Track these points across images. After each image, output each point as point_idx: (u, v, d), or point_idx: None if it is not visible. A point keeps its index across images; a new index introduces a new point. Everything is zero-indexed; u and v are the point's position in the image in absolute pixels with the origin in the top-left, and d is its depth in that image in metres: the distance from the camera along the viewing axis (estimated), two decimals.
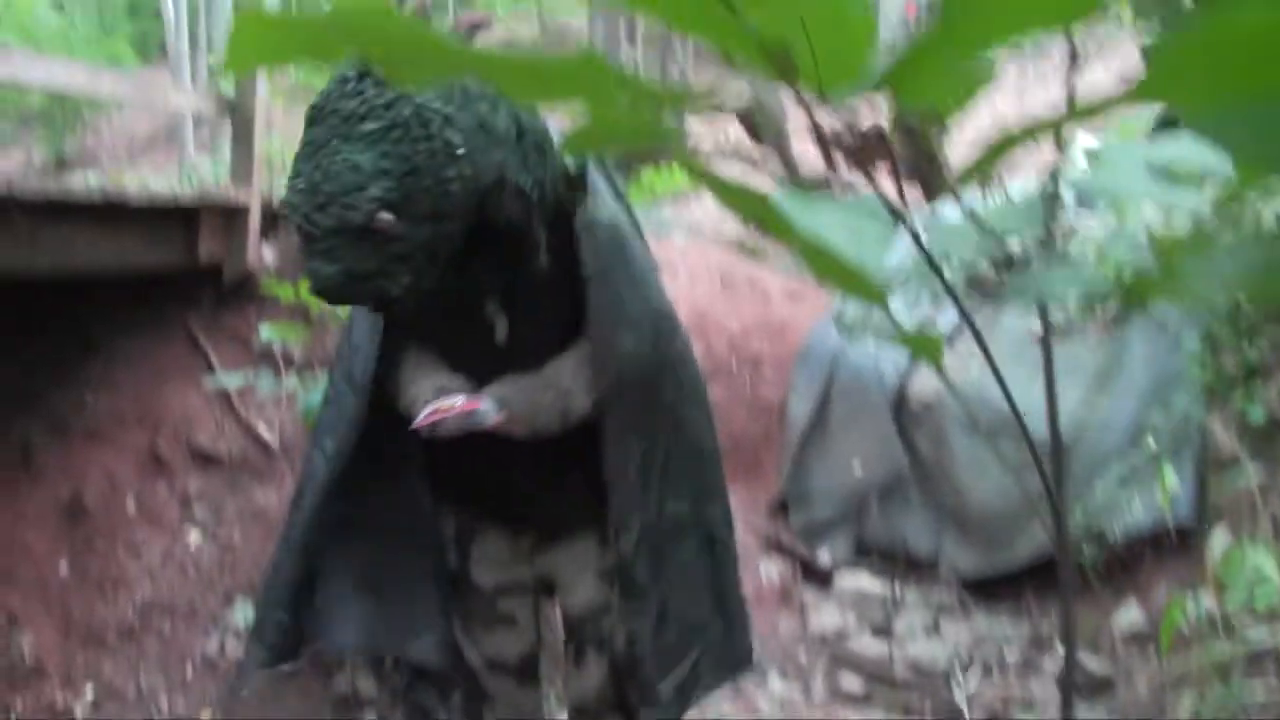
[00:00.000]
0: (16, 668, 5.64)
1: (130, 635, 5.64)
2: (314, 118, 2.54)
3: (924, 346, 1.19)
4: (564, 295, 3.00)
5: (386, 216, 2.42)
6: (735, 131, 14.08)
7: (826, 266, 0.97)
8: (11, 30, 24.47)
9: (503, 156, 2.60)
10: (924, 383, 6.23)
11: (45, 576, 5.89)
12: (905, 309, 6.76)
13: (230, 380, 5.89)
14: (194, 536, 6.01)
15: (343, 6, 0.76)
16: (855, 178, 9.23)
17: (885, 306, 1.07)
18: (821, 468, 6.34)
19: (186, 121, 18.85)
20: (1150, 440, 5.31)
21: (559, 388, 3.00)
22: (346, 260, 2.46)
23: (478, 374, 3.02)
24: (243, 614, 5.60)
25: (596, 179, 3.05)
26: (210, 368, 6.48)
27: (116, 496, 6.09)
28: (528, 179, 2.73)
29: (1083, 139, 7.56)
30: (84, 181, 8.93)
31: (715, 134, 16.06)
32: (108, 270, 5.92)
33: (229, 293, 6.62)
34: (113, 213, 5.71)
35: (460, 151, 2.45)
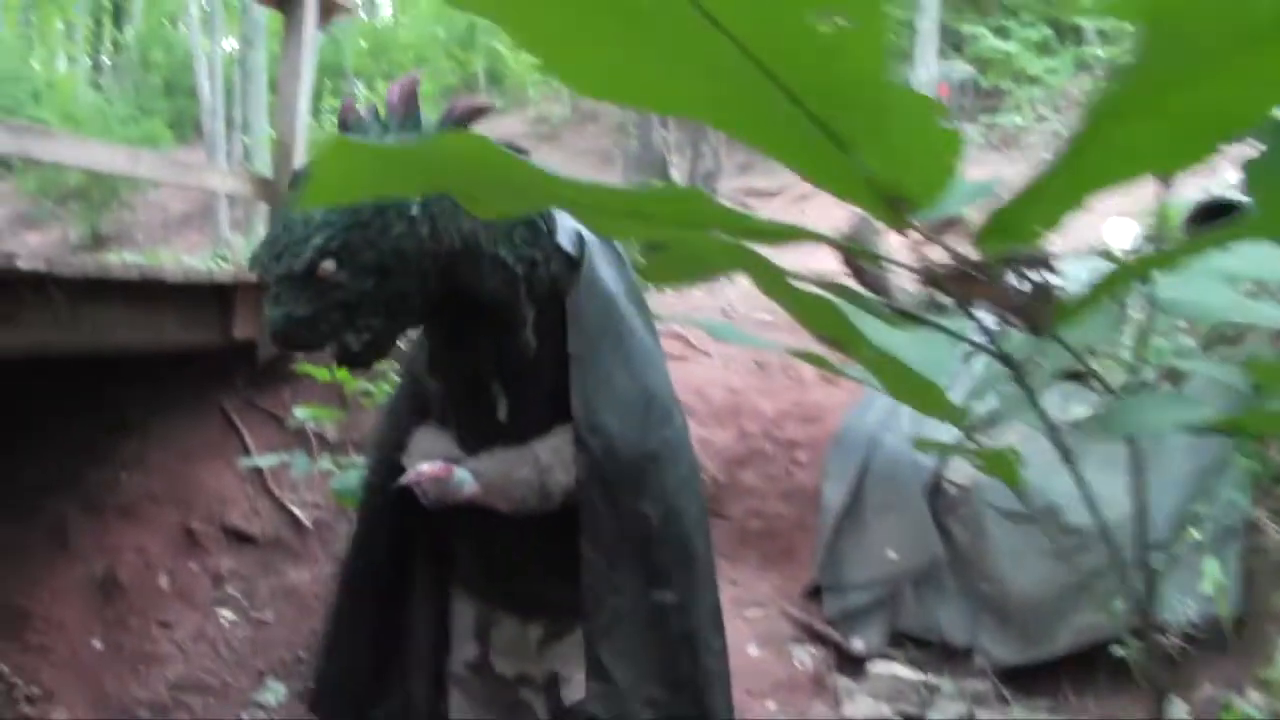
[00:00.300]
0: None
1: (162, 712, 5.63)
2: (297, 184, 2.74)
3: (1000, 464, 1.17)
4: (561, 375, 2.99)
5: (329, 265, 2.46)
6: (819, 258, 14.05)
7: (901, 382, 0.96)
8: (52, 110, 24.72)
9: (472, 226, 2.62)
10: (960, 469, 6.19)
11: (79, 652, 5.88)
12: None
13: (264, 460, 5.89)
14: (226, 615, 5.99)
15: (439, 139, 0.75)
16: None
17: (962, 424, 1.05)
18: (856, 554, 6.29)
19: (221, 200, 18.97)
20: (1193, 531, 5.25)
21: (537, 463, 2.98)
22: (289, 304, 2.49)
23: (485, 452, 3.04)
24: (273, 693, 5.58)
25: (597, 261, 3.06)
26: (244, 446, 6.49)
27: (150, 574, 6.09)
28: (510, 254, 2.77)
29: (1117, 224, 7.55)
30: (120, 259, 8.97)
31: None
32: (144, 348, 5.94)
33: (262, 371, 6.63)
34: (150, 291, 5.73)
35: (413, 212, 2.48)
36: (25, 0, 37.36)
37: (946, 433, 5.02)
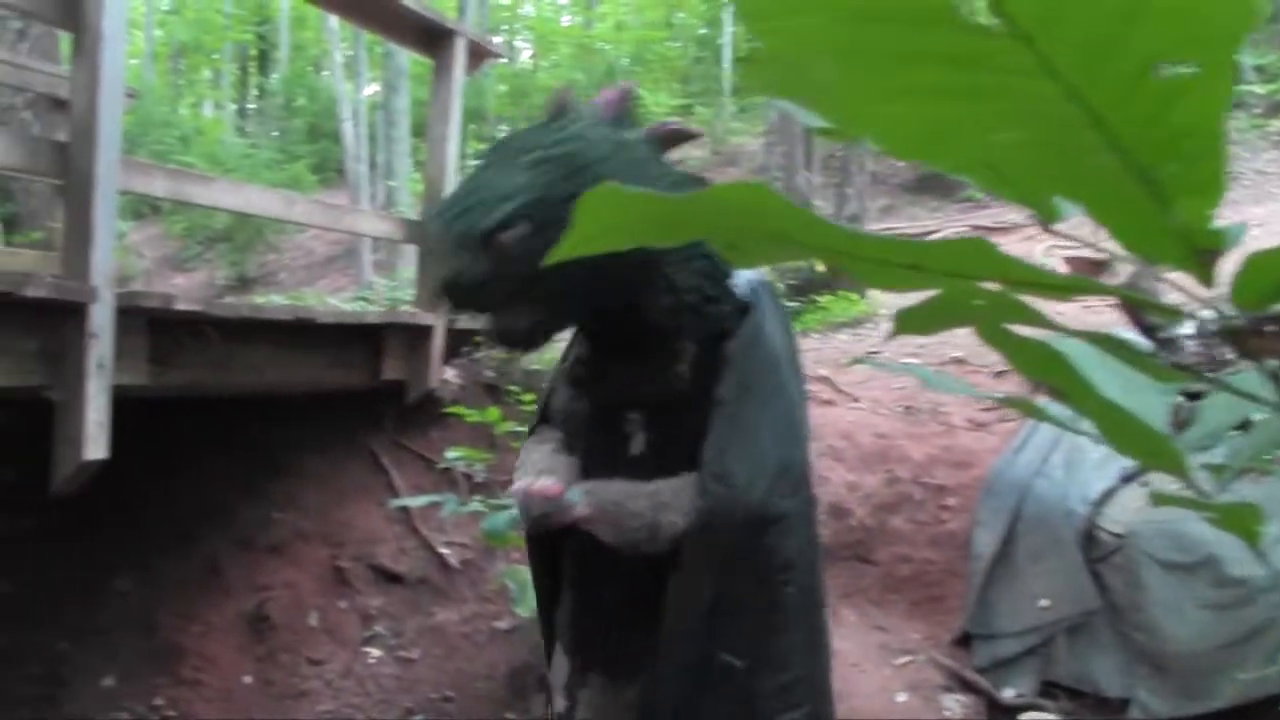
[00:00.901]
0: None
1: None
2: (489, 149, 2.75)
3: (1238, 520, 1.12)
4: (707, 422, 2.88)
5: (508, 234, 2.48)
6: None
7: (1126, 433, 0.93)
8: (199, 154, 25.24)
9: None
10: (1115, 517, 6.08)
11: (231, 686, 5.96)
12: (1091, 443, 6.62)
13: (413, 500, 5.93)
14: (374, 653, 6.04)
15: (718, 190, 0.74)
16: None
17: (1187, 477, 1.02)
18: (1007, 602, 6.19)
19: (365, 243, 19.23)
20: None
21: (655, 498, 2.87)
22: (463, 264, 2.53)
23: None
24: None
25: (767, 314, 2.99)
26: (392, 486, 6.55)
27: (300, 611, 6.16)
28: (686, 280, 2.76)
29: None
30: (266, 300, 9.12)
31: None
32: (295, 388, 6.02)
33: (410, 412, 6.69)
34: (301, 332, 5.82)
35: None
36: (174, 49, 38.23)
37: (1101, 482, 4.96)
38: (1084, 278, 0.78)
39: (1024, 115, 0.73)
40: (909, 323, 0.83)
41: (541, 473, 2.95)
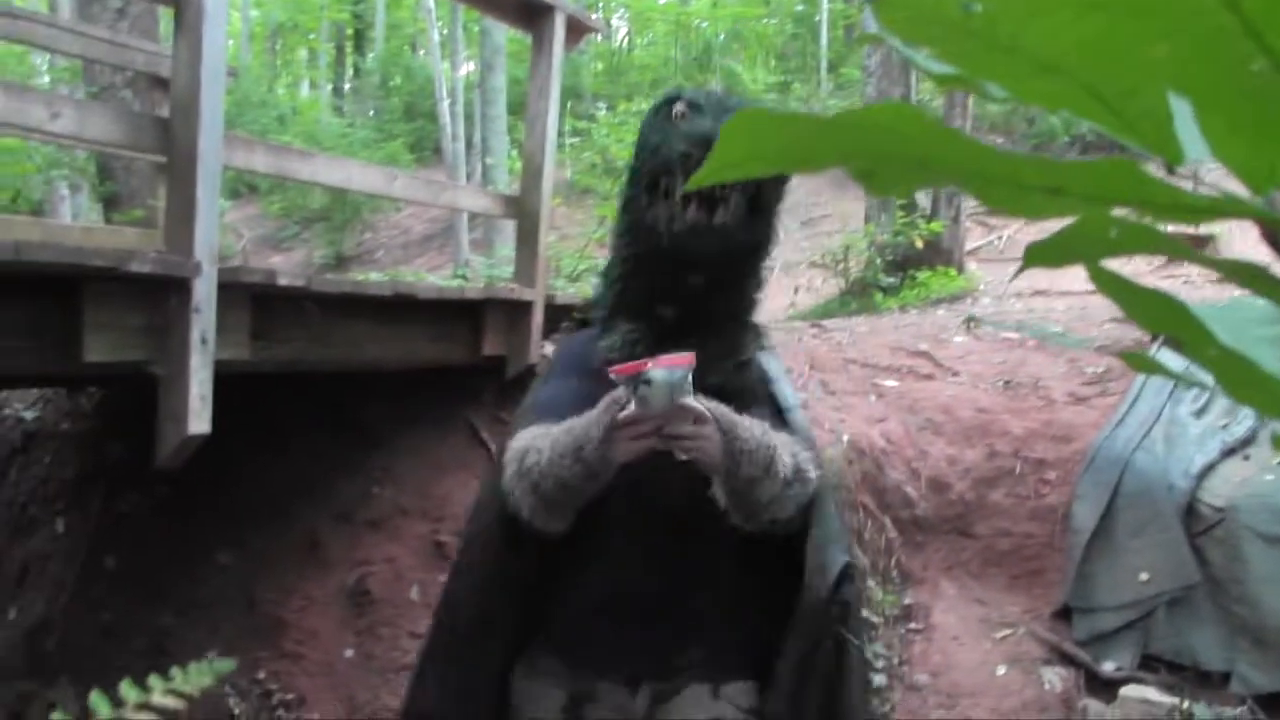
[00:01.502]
0: None
1: None
2: (692, 102, 2.76)
3: None
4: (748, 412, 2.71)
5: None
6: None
7: (1246, 382, 0.90)
8: (297, 134, 25.45)
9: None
10: (1215, 491, 6.01)
11: (332, 660, 6.02)
12: (1192, 417, 6.56)
13: None
14: None
15: (870, 109, 0.72)
16: None
17: None
18: (1107, 576, 6.13)
19: (462, 221, 19.29)
20: None
21: (772, 441, 2.65)
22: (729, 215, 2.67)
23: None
24: None
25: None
26: (492, 460, 6.57)
27: (400, 585, 6.19)
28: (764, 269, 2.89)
29: None
30: (365, 278, 9.18)
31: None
32: (394, 364, 6.06)
33: (510, 386, 6.71)
34: (401, 308, 5.84)
35: None
36: (271, 29, 38.58)
37: (1202, 456, 4.92)
38: (1229, 198, 0.74)
39: (1178, 27, 0.71)
40: (1038, 256, 0.81)
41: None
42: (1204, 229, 13.15)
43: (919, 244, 12.50)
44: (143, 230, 8.64)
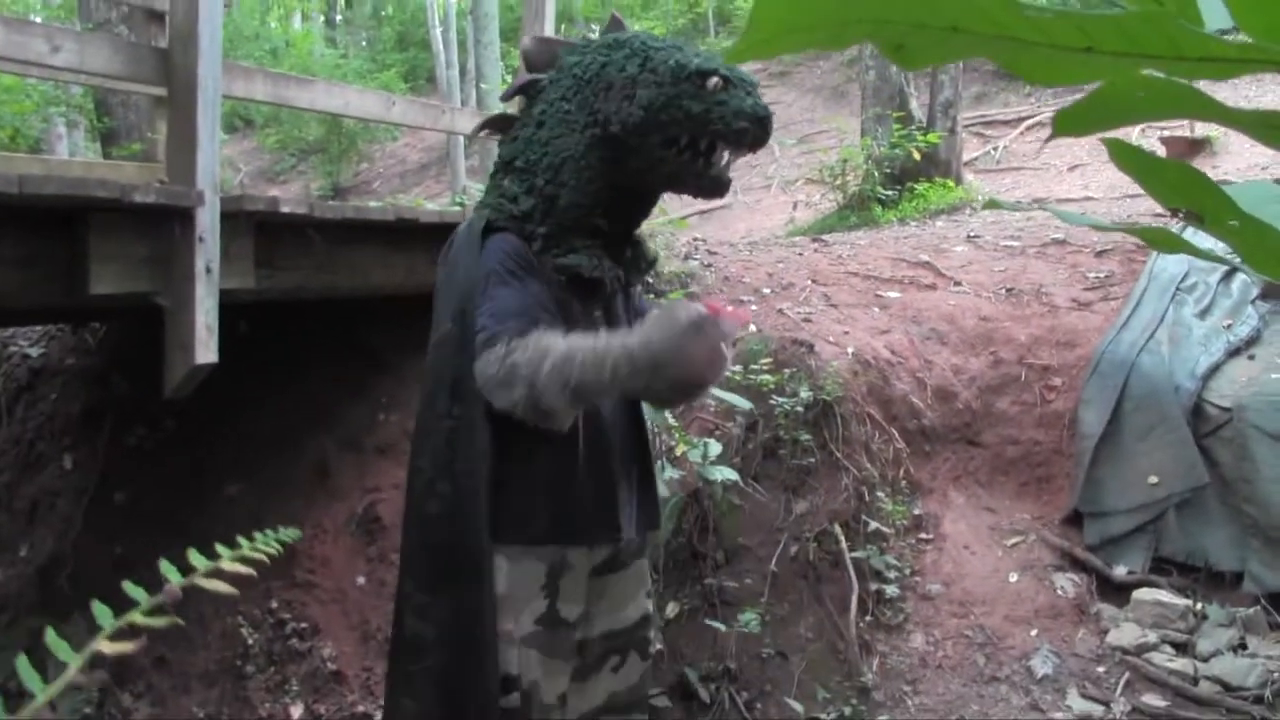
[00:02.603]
0: (319, 674, 5.80)
1: None
2: (726, 77, 3.10)
3: None
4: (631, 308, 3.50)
5: None
6: None
7: (1271, 255, 0.90)
8: (290, 66, 25.35)
9: None
10: (1222, 391, 6.03)
11: (344, 588, 6.04)
12: (1195, 318, 6.57)
13: None
14: None
15: None
16: None
17: None
18: (1116, 480, 6.16)
19: (459, 148, 19.24)
20: None
21: None
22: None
23: None
24: None
25: None
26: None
27: None
28: None
29: None
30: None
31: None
32: (400, 288, 6.05)
33: None
34: (404, 233, 5.84)
35: None
36: None
37: (1207, 357, 4.93)
38: (1260, 46, 0.74)
39: None
40: (1068, 122, 0.81)
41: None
42: (1200, 131, 13.12)
43: (916, 156, 12.48)
44: (142, 164, 8.60)
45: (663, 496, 4.27)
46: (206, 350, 4.66)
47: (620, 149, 3.15)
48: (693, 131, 3.10)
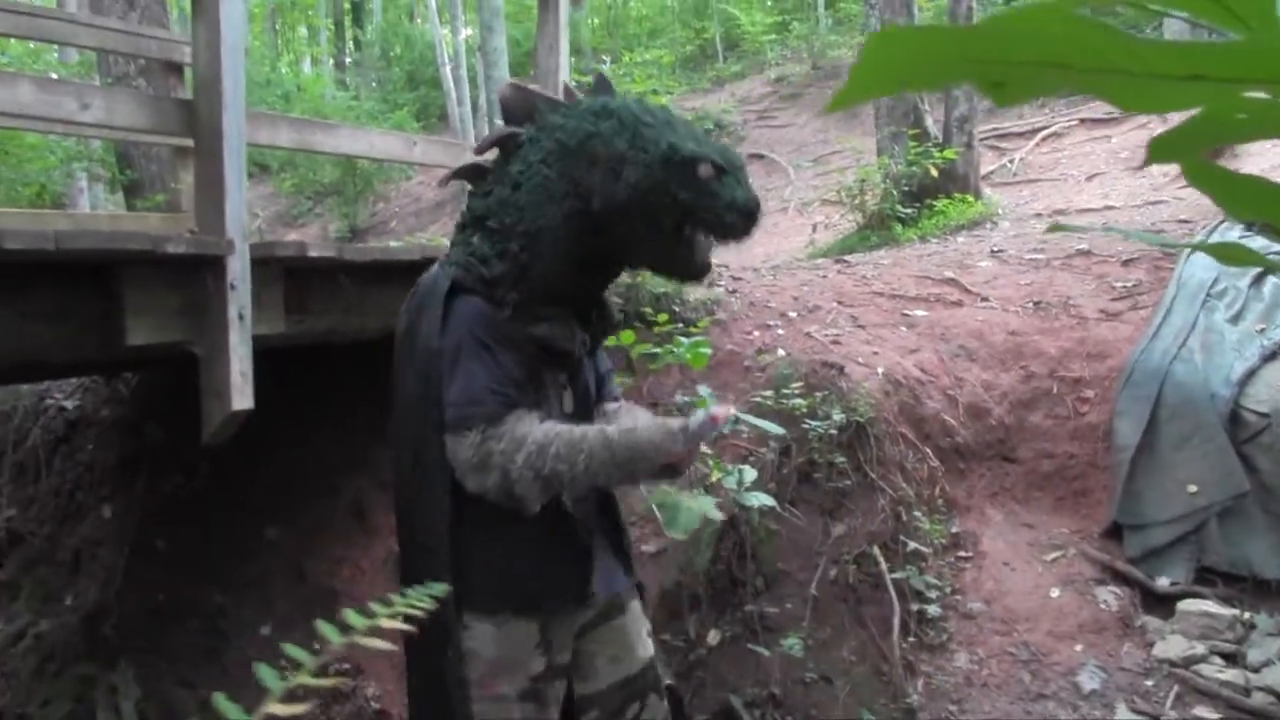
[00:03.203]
0: (363, 713, 5.82)
1: None
2: (717, 165, 3.10)
3: None
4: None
5: None
6: None
7: None
8: (303, 110, 25.47)
9: None
10: (1259, 397, 6.01)
11: (382, 629, 6.04)
12: (1228, 324, 6.54)
13: None
14: None
15: (1021, 9, 0.72)
16: None
17: None
18: (1155, 490, 6.13)
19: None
20: None
21: None
22: None
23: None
24: None
25: None
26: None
27: None
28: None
29: None
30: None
31: None
32: None
33: None
34: None
35: None
36: (270, 8, 38.55)
37: (1242, 363, 4.92)
38: None
39: None
40: (1164, 150, 0.82)
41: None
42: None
43: (934, 173, 12.49)
44: (167, 215, 8.67)
45: (696, 527, 4.29)
46: (242, 397, 4.69)
47: (600, 225, 3.12)
48: (679, 219, 3.10)
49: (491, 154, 3.36)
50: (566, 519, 3.27)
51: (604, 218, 3.10)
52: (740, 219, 3.07)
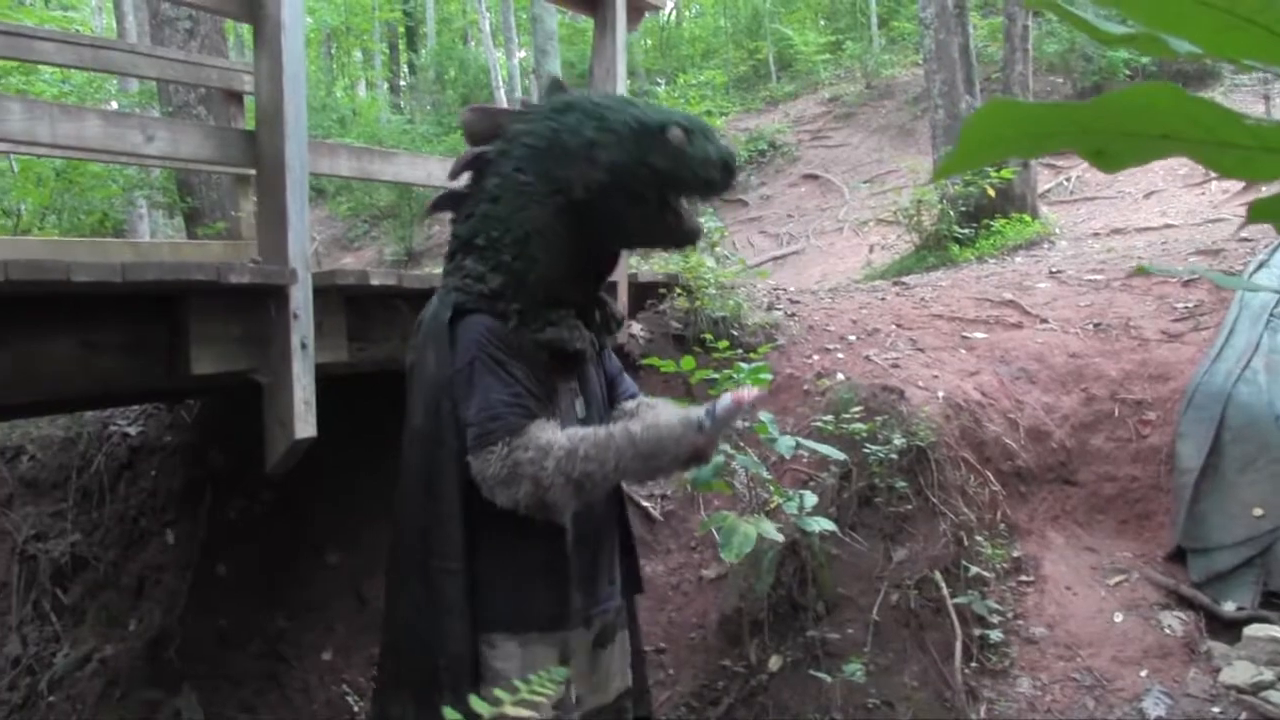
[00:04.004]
0: None
1: None
2: (683, 127, 3.22)
3: None
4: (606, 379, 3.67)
5: None
6: None
7: None
8: (359, 134, 25.62)
9: None
10: None
11: None
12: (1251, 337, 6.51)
13: None
14: None
15: (1129, 92, 0.73)
16: None
17: None
18: (1219, 514, 6.08)
19: None
20: None
21: None
22: None
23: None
24: None
25: None
26: None
27: None
28: None
29: None
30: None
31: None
32: None
33: None
34: None
35: None
36: (325, 34, 38.83)
37: None
38: None
39: None
40: (1265, 212, 0.82)
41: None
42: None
43: (991, 193, 12.45)
44: (228, 242, 8.75)
45: (750, 550, 4.32)
46: (305, 425, 4.72)
47: (586, 213, 3.19)
48: (661, 187, 3.22)
49: (465, 179, 3.40)
50: (585, 532, 3.35)
51: (589, 206, 3.18)
52: (720, 173, 3.22)
